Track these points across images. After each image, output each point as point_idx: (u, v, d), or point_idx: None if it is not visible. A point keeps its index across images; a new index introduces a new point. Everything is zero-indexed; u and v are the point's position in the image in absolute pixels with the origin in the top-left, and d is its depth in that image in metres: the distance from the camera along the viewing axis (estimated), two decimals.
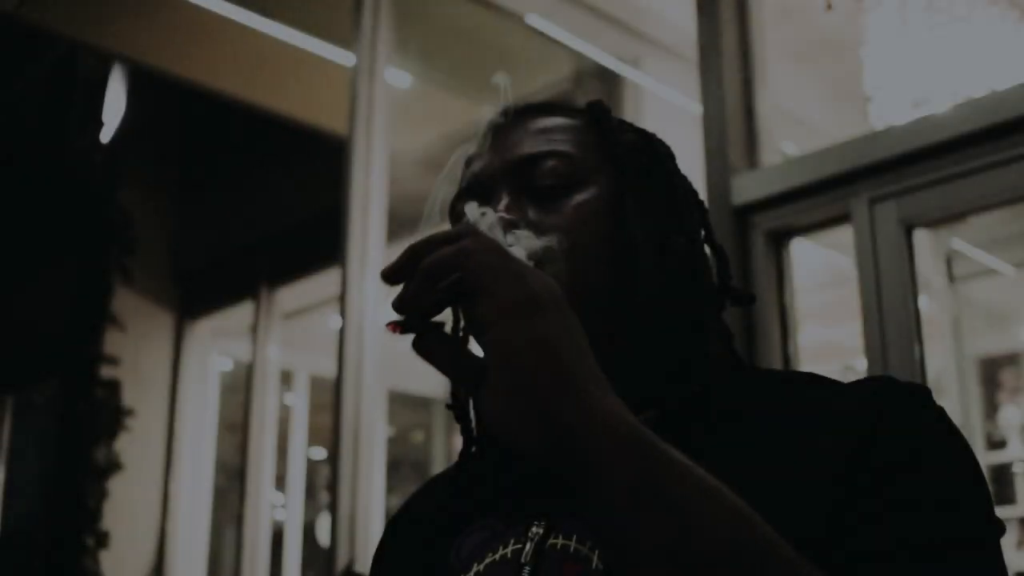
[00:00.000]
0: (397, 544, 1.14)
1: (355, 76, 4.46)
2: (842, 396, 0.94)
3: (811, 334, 6.25)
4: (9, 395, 9.01)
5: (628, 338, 1.02)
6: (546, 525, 0.97)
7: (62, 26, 5.21)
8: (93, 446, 7.49)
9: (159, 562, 7.62)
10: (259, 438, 7.44)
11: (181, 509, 7.78)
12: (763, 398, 0.99)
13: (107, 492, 7.46)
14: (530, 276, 0.79)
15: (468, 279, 0.77)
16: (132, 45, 5.48)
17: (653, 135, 1.13)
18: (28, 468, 8.29)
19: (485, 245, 0.79)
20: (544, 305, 0.77)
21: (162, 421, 7.96)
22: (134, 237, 8.00)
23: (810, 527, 0.83)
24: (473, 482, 1.10)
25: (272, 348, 7.58)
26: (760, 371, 1.08)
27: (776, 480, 0.87)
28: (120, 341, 7.84)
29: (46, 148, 9.23)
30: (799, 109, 5.16)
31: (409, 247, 0.80)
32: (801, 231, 3.08)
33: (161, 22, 5.22)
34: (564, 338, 0.77)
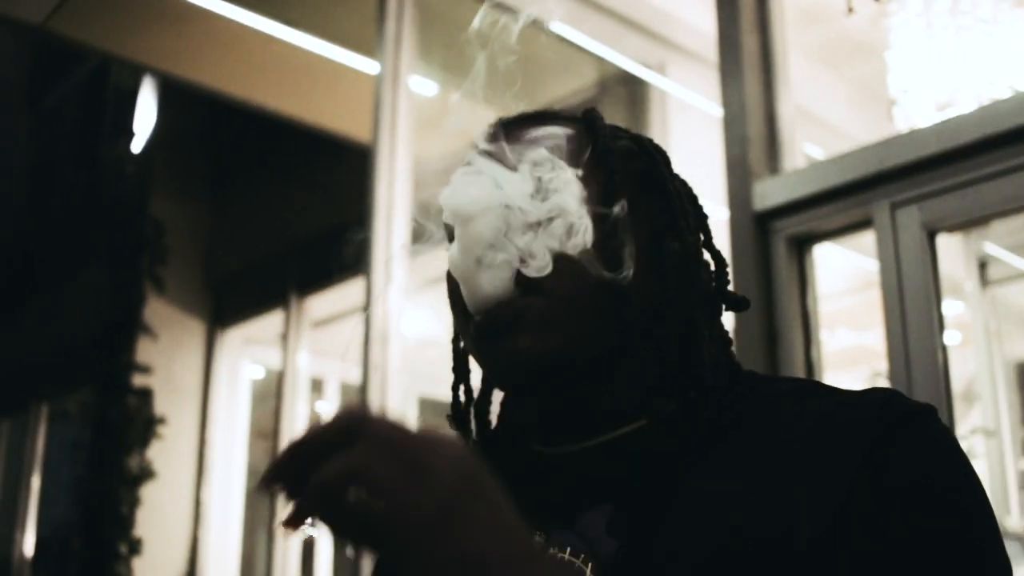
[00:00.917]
0: None
1: (379, 84, 4.48)
2: (842, 414, 0.91)
3: (842, 339, 6.21)
4: (44, 404, 9.11)
5: (618, 347, 1.01)
6: (542, 538, 0.97)
7: (91, 38, 5.26)
8: (126, 454, 7.55)
9: (191, 569, 7.66)
10: None
11: (213, 516, 7.82)
12: (759, 410, 0.97)
13: (140, 499, 7.52)
14: (439, 468, 0.69)
15: (370, 499, 0.68)
16: (161, 57, 5.53)
17: (648, 140, 1.12)
18: (62, 476, 8.38)
19: (380, 444, 0.69)
20: (460, 505, 0.68)
21: (194, 429, 8.01)
22: (166, 247, 8.07)
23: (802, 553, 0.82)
24: None
25: (302, 356, 7.61)
26: (758, 378, 1.06)
27: (769, 501, 0.87)
28: (152, 350, 7.91)
29: (79, 159, 9.33)
30: (826, 113, 5.14)
31: (289, 447, 0.71)
32: (823, 237, 3.05)
33: (189, 34, 5.26)
34: (487, 541, 0.69)
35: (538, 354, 0.97)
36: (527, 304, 0.97)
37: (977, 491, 0.88)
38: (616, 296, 0.98)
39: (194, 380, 8.13)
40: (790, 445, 0.91)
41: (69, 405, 8.87)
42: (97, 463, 7.67)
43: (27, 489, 9.01)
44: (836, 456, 0.87)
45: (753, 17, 3.32)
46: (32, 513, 8.98)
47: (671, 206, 1.05)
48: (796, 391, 1.00)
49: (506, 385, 1.08)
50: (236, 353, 8.34)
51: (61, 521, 8.18)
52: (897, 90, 3.72)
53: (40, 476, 9.06)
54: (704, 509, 0.89)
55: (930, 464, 0.86)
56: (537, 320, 0.97)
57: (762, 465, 0.90)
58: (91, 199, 9.01)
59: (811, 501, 0.85)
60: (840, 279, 5.33)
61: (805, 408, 0.94)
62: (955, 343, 5.35)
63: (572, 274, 0.97)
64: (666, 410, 1.01)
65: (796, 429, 0.92)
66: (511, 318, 0.97)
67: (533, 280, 0.97)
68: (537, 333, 0.97)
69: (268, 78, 5.52)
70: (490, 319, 0.98)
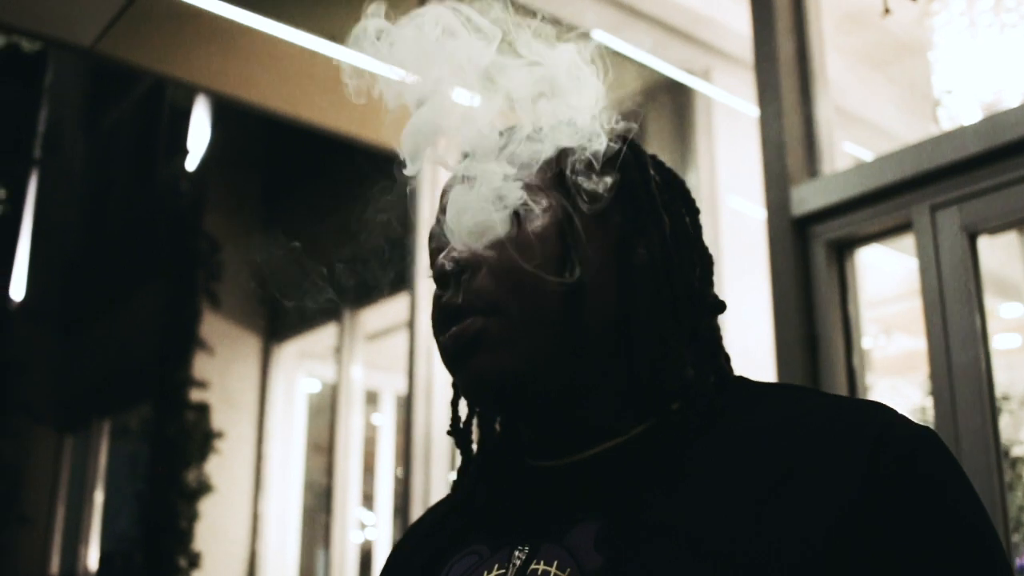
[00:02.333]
0: (396, 571, 1.15)
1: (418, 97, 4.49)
2: (838, 435, 0.88)
3: (899, 343, 6.11)
4: (106, 420, 9.27)
5: (588, 362, 1.00)
6: (529, 551, 0.96)
7: (140, 59, 5.34)
8: (184, 468, 7.65)
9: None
10: (345, 458, 7.52)
11: (271, 529, 7.89)
12: (748, 421, 0.95)
13: (199, 513, 7.61)
14: None
15: None
16: (210, 76, 5.59)
17: (625, 139, 1.07)
18: (124, 491, 8.51)
19: None
20: None
21: (251, 443, 8.09)
22: (220, 263, 8.17)
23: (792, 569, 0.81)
24: (466, 509, 1.10)
25: (356, 369, 7.66)
26: (749, 386, 1.04)
27: (757, 517, 0.85)
28: (209, 365, 8.01)
29: (136, 178, 9.49)
30: (875, 116, 5.07)
31: None
32: (863, 241, 2.99)
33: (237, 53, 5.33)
34: None
35: (499, 374, 0.97)
36: (486, 325, 0.97)
37: (983, 515, 0.86)
38: (577, 311, 0.97)
39: (250, 394, 8.22)
40: (781, 460, 0.88)
41: (130, 421, 9.01)
42: (156, 478, 7.78)
43: (90, 504, 9.17)
44: (831, 477, 0.85)
45: (789, 20, 3.27)
46: (96, 528, 9.13)
47: (640, 211, 1.04)
48: (788, 402, 0.97)
49: (477, 404, 1.08)
50: (291, 367, 8.41)
51: (123, 535, 8.30)
52: (941, 90, 3.66)
53: (103, 491, 9.22)
54: (690, 524, 0.87)
55: (936, 488, 0.85)
56: (496, 341, 0.97)
57: (751, 479, 0.88)
58: (147, 218, 9.16)
59: (802, 519, 0.83)
60: (896, 283, 5.26)
61: (798, 422, 0.92)
62: (1015, 346, 5.25)
63: (531, 293, 0.96)
64: (647, 423, 0.99)
65: (788, 444, 0.90)
66: (471, 339, 0.97)
67: (493, 301, 0.97)
68: (496, 353, 0.97)
69: (315, 94, 5.57)
70: (452, 340, 0.99)
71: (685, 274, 1.04)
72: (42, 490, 9.50)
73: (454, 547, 1.05)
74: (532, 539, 0.97)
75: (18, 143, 10.26)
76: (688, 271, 1.04)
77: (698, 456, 0.94)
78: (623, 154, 1.04)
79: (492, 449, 1.13)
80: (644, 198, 1.04)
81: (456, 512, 1.12)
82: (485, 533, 1.03)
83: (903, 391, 5.31)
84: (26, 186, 10.58)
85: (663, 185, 1.08)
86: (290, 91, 5.71)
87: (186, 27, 5.19)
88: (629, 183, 1.04)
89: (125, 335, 9.05)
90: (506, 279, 0.97)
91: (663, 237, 1.02)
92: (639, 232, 1.02)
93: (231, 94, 5.95)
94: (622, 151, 1.04)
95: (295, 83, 5.61)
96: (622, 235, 1.02)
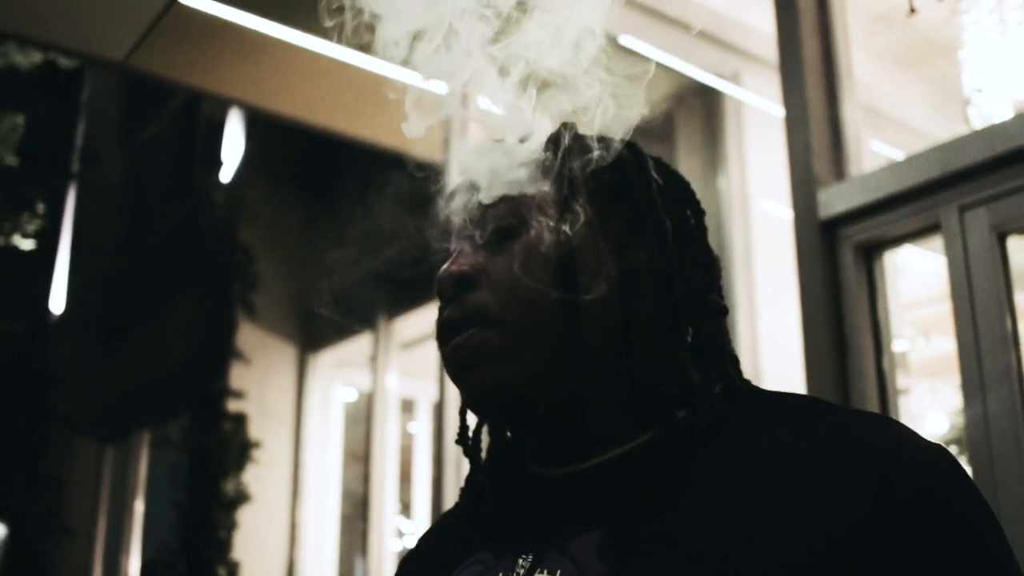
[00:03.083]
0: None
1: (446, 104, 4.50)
2: (848, 449, 0.87)
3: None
4: (145, 431, 9.35)
5: (589, 371, 0.99)
6: (532, 560, 0.96)
7: (171, 73, 5.39)
8: (222, 478, 7.70)
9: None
10: (381, 466, 7.54)
11: (309, 538, 7.92)
12: (754, 429, 0.93)
13: (237, 523, 7.66)
14: None
15: None
16: (241, 88, 5.64)
17: (627, 144, 1.06)
18: (164, 501, 8.58)
19: None
20: None
21: (288, 452, 8.13)
22: (256, 273, 8.23)
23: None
24: (473, 518, 1.10)
25: (391, 377, 7.68)
26: (756, 393, 1.02)
27: (761, 527, 0.84)
28: (246, 375, 8.06)
29: (172, 191, 9.58)
30: (907, 116, 5.03)
31: None
32: (892, 243, 2.97)
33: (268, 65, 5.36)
34: None
35: (499, 386, 0.97)
36: (486, 337, 0.97)
37: (996, 531, 0.85)
38: (577, 321, 0.97)
39: (287, 404, 8.26)
40: (787, 473, 0.87)
41: (169, 432, 9.09)
42: (196, 488, 7.84)
43: (131, 514, 9.25)
44: (838, 493, 0.83)
45: (813, 21, 3.25)
46: (137, 537, 9.21)
47: (640, 215, 1.02)
48: (795, 413, 0.96)
49: (479, 415, 1.08)
50: (328, 376, 8.45)
51: (164, 545, 8.37)
52: (971, 89, 3.62)
53: (143, 501, 9.30)
54: (693, 536, 0.87)
55: (947, 505, 0.83)
56: (496, 353, 0.97)
57: (756, 492, 0.87)
58: (183, 230, 9.24)
59: (807, 534, 0.82)
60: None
61: (806, 435, 0.90)
62: None
63: (530, 305, 0.97)
64: (652, 432, 0.98)
65: (795, 457, 0.88)
66: (471, 352, 0.98)
67: (492, 314, 0.97)
68: (496, 366, 0.97)
69: (346, 104, 5.60)
70: (452, 352, 0.99)
71: (687, 278, 1.02)
72: (84, 501, 9.59)
73: (461, 555, 1.05)
74: (536, 548, 0.97)
75: (56, 158, 10.39)
76: (690, 275, 1.03)
77: (703, 466, 0.93)
78: (622, 157, 1.04)
79: (500, 457, 1.13)
80: (644, 202, 1.02)
81: (464, 520, 1.12)
82: (491, 541, 1.03)
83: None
84: (64, 200, 10.71)
85: (665, 187, 1.06)
86: (320, 101, 5.74)
87: (217, 40, 5.23)
88: (629, 187, 1.03)
89: (163, 346, 9.13)
90: (505, 292, 0.97)
91: (664, 241, 1.01)
92: (639, 236, 1.01)
93: (264, 106, 5.99)
94: (621, 154, 1.04)
95: (326, 94, 5.64)
96: (622, 240, 1.01)
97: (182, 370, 8.61)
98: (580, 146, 1.03)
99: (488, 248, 1.01)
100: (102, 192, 10.53)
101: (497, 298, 0.98)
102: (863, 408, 2.90)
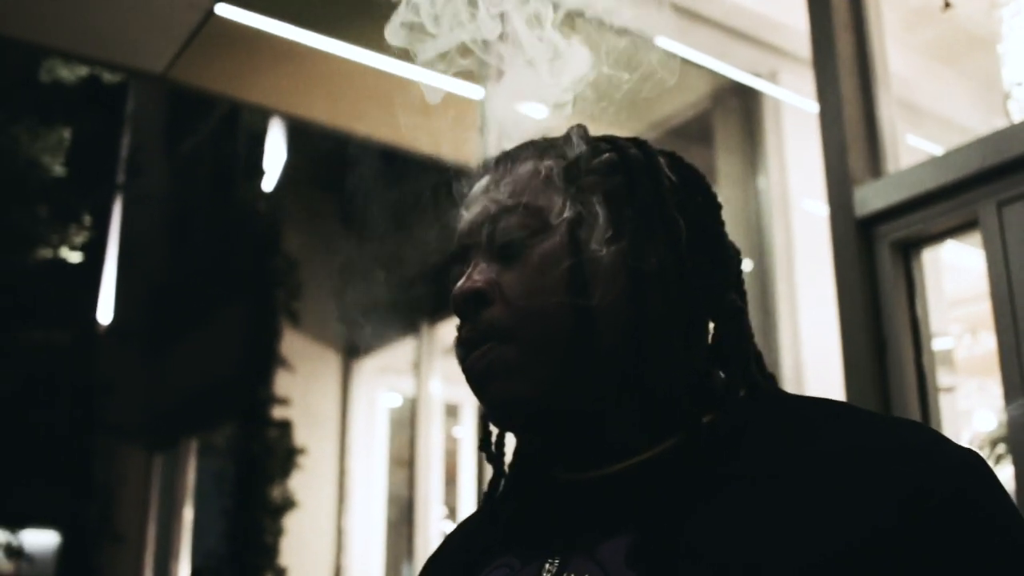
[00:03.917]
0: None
1: (483, 111, 4.51)
2: (878, 453, 0.85)
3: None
4: (193, 438, 9.45)
5: (606, 379, 0.99)
6: (559, 563, 0.96)
7: (211, 84, 5.45)
8: (269, 485, 7.76)
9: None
10: (426, 471, 7.56)
11: (355, 543, 7.96)
12: (782, 433, 0.92)
13: (283, 529, 7.71)
14: None
15: None
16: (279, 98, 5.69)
17: (637, 143, 1.05)
18: (212, 508, 8.66)
19: None
20: None
21: (334, 458, 8.18)
22: (299, 281, 8.29)
23: None
24: (498, 521, 1.10)
25: (435, 382, 7.70)
26: (782, 397, 1.01)
27: (790, 533, 0.83)
28: (291, 382, 8.12)
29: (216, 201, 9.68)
30: (949, 112, 4.97)
31: None
32: (929, 240, 2.93)
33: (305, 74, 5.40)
34: None
35: (514, 399, 0.97)
36: (501, 352, 0.97)
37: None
38: (591, 331, 0.96)
39: (332, 410, 8.31)
40: (817, 477, 0.85)
41: (216, 439, 9.18)
42: (243, 495, 7.91)
43: (180, 521, 9.35)
44: (869, 500, 0.82)
45: (847, 17, 3.22)
46: (186, 544, 9.30)
47: (651, 217, 1.00)
48: (823, 418, 0.94)
49: (497, 426, 1.08)
50: (372, 382, 8.49)
51: (212, 551, 8.45)
52: (1011, 83, 3.57)
53: (192, 508, 9.39)
54: (723, 541, 0.86)
55: (980, 511, 0.81)
56: (510, 368, 0.97)
57: (782, 499, 0.86)
58: (227, 239, 9.33)
59: (835, 542, 0.81)
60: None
61: (834, 441, 0.89)
62: None
63: (542, 319, 0.96)
64: (675, 438, 0.98)
65: (823, 464, 0.87)
66: (487, 366, 0.98)
67: (507, 329, 0.97)
68: (511, 380, 0.97)
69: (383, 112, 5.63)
70: (470, 366, 1.00)
71: (702, 279, 1.01)
72: (134, 509, 9.71)
73: (485, 560, 1.05)
74: (563, 552, 0.97)
75: (102, 171, 10.53)
76: (706, 275, 1.02)
77: (730, 471, 0.92)
78: (632, 157, 1.03)
79: (524, 462, 1.13)
80: (654, 203, 1.01)
81: (487, 526, 1.12)
82: (516, 546, 1.03)
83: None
84: (111, 212, 10.85)
85: (679, 185, 1.04)
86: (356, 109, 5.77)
87: (255, 50, 5.28)
88: (638, 188, 1.02)
89: (209, 355, 9.22)
90: (519, 306, 0.97)
91: (676, 242, 1.00)
92: (650, 239, 1.00)
93: (302, 115, 6.03)
94: (631, 154, 1.03)
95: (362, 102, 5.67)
96: (633, 243, 0.99)
97: (228, 378, 8.69)
98: (589, 149, 1.03)
99: (501, 261, 1.01)
100: (147, 203, 10.65)
101: (511, 313, 0.98)
102: (905, 408, 2.88)
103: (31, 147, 8.88)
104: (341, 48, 5.10)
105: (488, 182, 1.04)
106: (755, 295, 5.04)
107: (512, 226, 1.00)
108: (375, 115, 5.75)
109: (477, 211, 1.03)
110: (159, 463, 9.98)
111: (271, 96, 5.82)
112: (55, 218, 9.27)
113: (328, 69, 5.33)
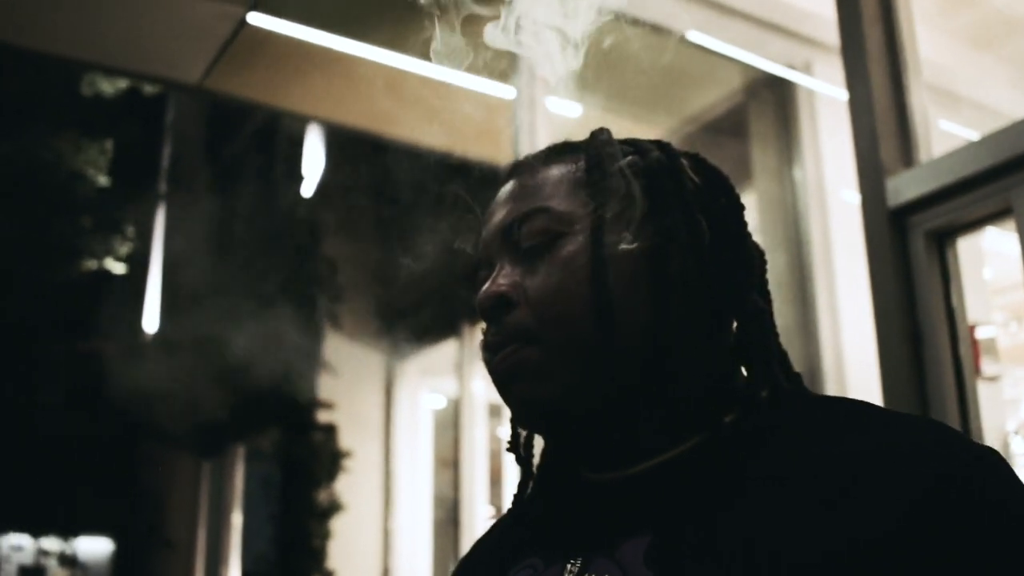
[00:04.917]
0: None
1: (516, 110, 4.51)
2: (896, 450, 0.86)
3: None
4: (240, 444, 9.54)
5: (630, 382, 0.99)
6: (581, 564, 0.97)
7: (246, 93, 5.50)
8: (315, 488, 7.82)
9: None
10: (471, 471, 7.58)
11: (402, 544, 8.00)
12: (803, 434, 0.92)
13: (331, 532, 7.76)
14: None
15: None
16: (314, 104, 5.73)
17: (660, 145, 1.06)
18: (260, 513, 8.74)
19: None
20: None
21: (379, 461, 8.23)
22: (341, 285, 8.35)
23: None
24: (524, 522, 1.11)
25: (478, 383, 7.72)
26: (806, 398, 1.00)
27: (810, 533, 0.83)
28: (334, 386, 8.18)
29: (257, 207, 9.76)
30: (984, 95, 4.91)
31: None
32: (964, 228, 2.89)
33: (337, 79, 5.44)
34: None
35: (538, 401, 0.98)
36: (525, 355, 0.98)
37: None
38: (612, 334, 0.97)
39: (376, 413, 8.36)
40: (837, 476, 0.86)
41: (263, 444, 9.26)
42: (290, 499, 7.97)
43: (229, 526, 9.44)
44: (887, 499, 0.82)
45: (875, 4, 3.19)
46: (236, 549, 9.40)
47: (673, 220, 1.00)
48: (842, 418, 0.94)
49: (523, 428, 1.09)
50: (415, 384, 8.53)
51: (261, 556, 8.52)
52: None
53: (241, 514, 9.48)
54: (742, 542, 0.86)
55: (999, 508, 0.81)
56: (534, 370, 0.98)
57: (802, 499, 0.86)
58: (268, 245, 9.40)
59: (856, 542, 0.81)
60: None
61: (854, 441, 0.89)
62: None
63: (565, 322, 0.97)
64: (698, 438, 0.98)
65: (844, 460, 0.87)
66: (511, 368, 0.99)
67: (531, 332, 0.98)
68: (534, 382, 0.98)
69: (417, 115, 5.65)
70: (495, 369, 1.01)
71: (724, 281, 1.02)
72: (184, 515, 9.82)
73: (512, 560, 1.06)
74: (585, 552, 0.97)
75: (143, 181, 10.67)
76: (727, 277, 1.02)
77: (751, 472, 0.92)
78: (655, 160, 1.03)
79: (551, 463, 1.14)
80: (676, 205, 1.02)
81: (516, 526, 1.13)
82: (541, 546, 1.04)
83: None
84: (153, 221, 10.98)
85: (702, 187, 1.05)
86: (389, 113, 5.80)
87: (288, 58, 5.32)
88: (660, 191, 1.02)
89: (253, 360, 9.30)
90: (542, 309, 0.98)
91: (699, 245, 1.01)
92: (673, 241, 1.00)
93: (339, 120, 6.07)
94: (653, 157, 1.03)
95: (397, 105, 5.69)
96: (656, 246, 1.00)
97: (273, 383, 8.77)
98: (612, 152, 1.03)
99: (525, 264, 1.02)
100: (189, 212, 10.77)
101: (535, 316, 0.98)
102: (942, 399, 2.84)
103: (74, 160, 9.02)
104: (372, 52, 5.13)
105: (512, 186, 1.05)
106: (793, 287, 5.01)
107: (536, 230, 1.01)
108: (410, 118, 5.78)
109: (502, 215, 1.04)
110: (207, 469, 10.09)
111: (306, 102, 5.87)
112: (99, 229, 9.40)
113: (362, 73, 5.36)
